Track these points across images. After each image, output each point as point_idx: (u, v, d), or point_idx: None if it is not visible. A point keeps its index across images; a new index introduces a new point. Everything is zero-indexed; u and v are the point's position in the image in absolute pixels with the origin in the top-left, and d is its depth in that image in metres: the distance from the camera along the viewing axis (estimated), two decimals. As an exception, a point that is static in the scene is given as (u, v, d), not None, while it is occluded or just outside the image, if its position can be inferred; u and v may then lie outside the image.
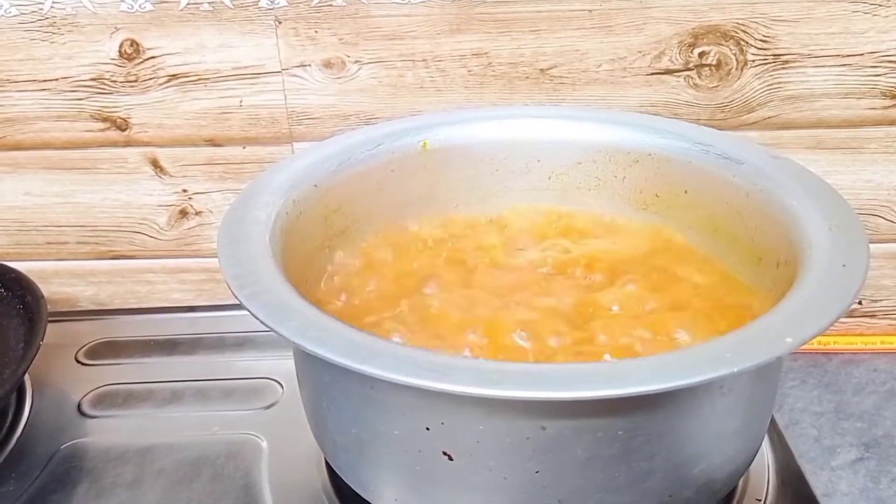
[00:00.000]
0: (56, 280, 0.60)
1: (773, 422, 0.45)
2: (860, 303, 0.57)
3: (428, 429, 0.32)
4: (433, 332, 0.37)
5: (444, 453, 0.32)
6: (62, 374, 0.51)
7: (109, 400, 0.49)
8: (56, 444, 0.46)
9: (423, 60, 0.52)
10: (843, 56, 0.51)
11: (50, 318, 0.47)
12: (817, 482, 0.45)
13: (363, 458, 0.35)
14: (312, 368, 0.36)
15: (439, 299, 0.39)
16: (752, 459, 0.37)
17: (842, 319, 0.56)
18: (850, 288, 0.32)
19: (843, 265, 0.33)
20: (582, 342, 0.36)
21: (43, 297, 0.48)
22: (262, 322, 0.31)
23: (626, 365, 0.29)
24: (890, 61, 0.51)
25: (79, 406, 0.49)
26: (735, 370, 0.28)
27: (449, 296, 0.40)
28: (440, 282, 0.41)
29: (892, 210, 0.54)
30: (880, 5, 0.49)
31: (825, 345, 0.56)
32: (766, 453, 0.43)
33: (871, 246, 0.35)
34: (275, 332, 0.31)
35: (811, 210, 0.37)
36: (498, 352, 0.36)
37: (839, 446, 0.49)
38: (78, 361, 0.53)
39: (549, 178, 0.48)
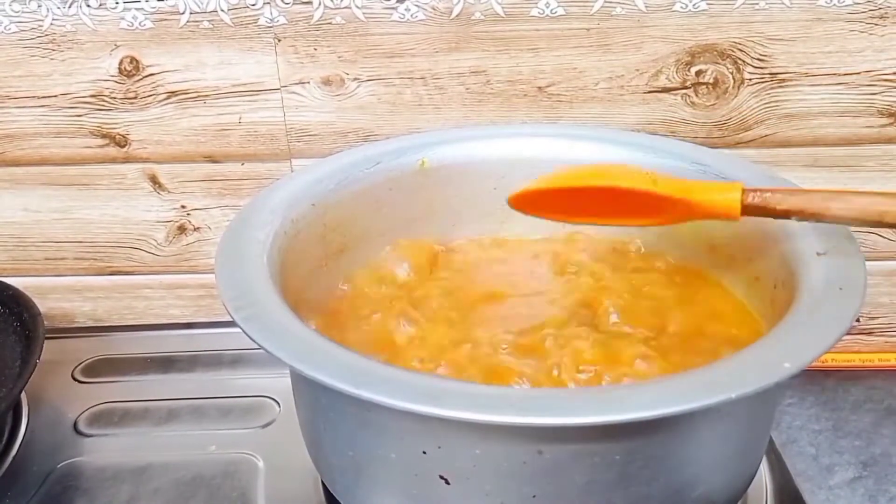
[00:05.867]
0: (53, 296, 0.60)
1: (770, 441, 0.45)
2: (858, 320, 0.57)
3: (424, 452, 0.31)
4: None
5: (441, 477, 0.32)
6: (59, 392, 0.51)
7: (106, 418, 0.49)
8: (52, 462, 0.45)
9: (422, 78, 0.52)
10: (840, 75, 0.51)
11: (47, 335, 0.47)
12: (815, 502, 0.45)
13: (360, 481, 0.35)
14: (309, 391, 0.36)
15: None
16: (751, 481, 0.37)
17: (839, 337, 0.57)
18: (848, 312, 0.32)
19: (841, 288, 0.33)
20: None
21: (40, 314, 0.48)
22: (259, 345, 0.31)
23: (624, 390, 0.29)
24: (886, 80, 0.51)
25: (75, 424, 0.49)
26: (733, 396, 0.28)
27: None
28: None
29: (890, 228, 0.55)
30: (876, 24, 0.50)
31: (823, 362, 0.56)
32: (763, 473, 0.43)
33: (869, 264, 0.35)
34: (272, 355, 0.31)
35: (808, 231, 0.37)
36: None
37: (837, 465, 0.49)
38: (74, 379, 0.53)
39: (547, 197, 0.48)
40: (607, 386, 0.34)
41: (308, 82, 0.53)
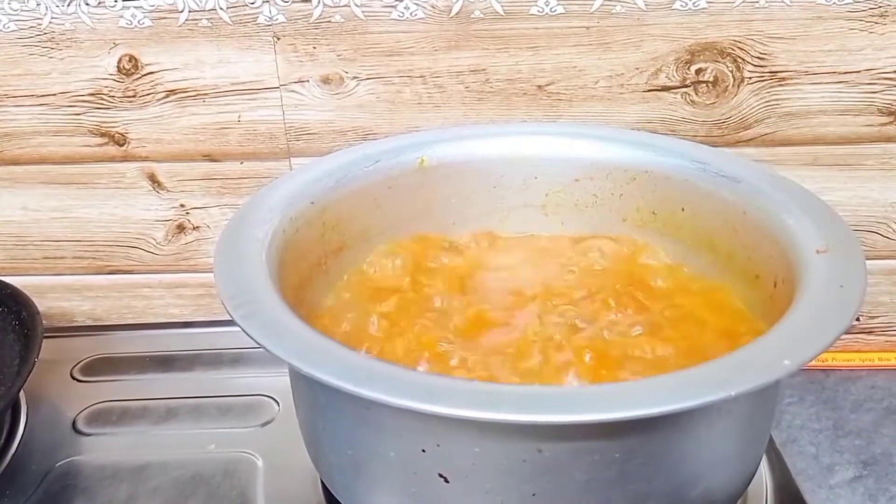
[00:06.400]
0: (52, 295, 0.60)
1: (771, 440, 0.45)
2: (858, 319, 0.57)
3: (424, 451, 0.31)
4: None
5: (440, 475, 0.32)
6: (57, 391, 0.51)
7: (105, 417, 0.49)
8: (51, 461, 0.45)
9: (421, 76, 0.52)
10: (840, 73, 0.51)
11: (46, 334, 0.47)
12: (815, 501, 0.45)
13: (359, 480, 0.35)
14: (308, 389, 0.36)
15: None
16: (751, 480, 0.37)
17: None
18: (848, 309, 0.32)
19: (841, 286, 0.33)
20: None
21: (39, 313, 0.48)
22: (257, 343, 0.31)
23: (623, 388, 0.29)
24: (886, 78, 0.51)
25: (74, 423, 0.49)
26: (733, 394, 0.28)
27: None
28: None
29: (889, 227, 0.54)
30: (876, 23, 0.50)
31: (823, 361, 0.56)
32: (764, 472, 0.43)
33: (869, 263, 0.35)
34: (271, 353, 0.31)
35: (808, 229, 0.37)
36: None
37: (837, 464, 0.48)
38: (73, 378, 0.53)
39: (547, 195, 0.48)
40: (607, 384, 0.34)
41: (307, 81, 0.53)
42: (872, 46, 0.50)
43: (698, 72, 0.51)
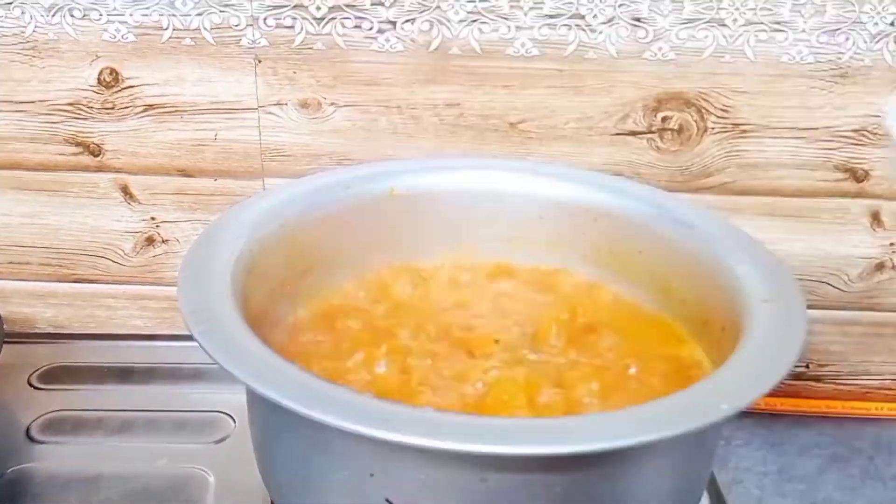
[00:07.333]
0: (15, 300, 0.60)
1: (714, 481, 0.46)
2: (808, 366, 0.59)
3: (372, 475, 0.32)
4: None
5: (388, 500, 0.32)
6: (13, 397, 0.51)
7: (59, 426, 0.49)
8: (2, 468, 0.45)
9: (398, 107, 0.53)
10: (800, 129, 0.53)
11: (6, 339, 0.47)
12: (757, 543, 0.46)
13: (307, 501, 0.35)
14: (262, 408, 0.36)
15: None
16: (690, 519, 0.38)
17: (789, 382, 0.58)
18: (786, 359, 0.33)
19: (782, 336, 0.35)
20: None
21: (0, 318, 0.48)
22: (213, 359, 0.32)
23: (564, 423, 0.30)
24: (844, 136, 0.53)
25: (28, 430, 0.48)
26: (670, 434, 0.29)
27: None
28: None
29: (841, 278, 0.56)
30: (836, 83, 0.52)
31: (772, 406, 0.58)
32: (706, 513, 0.44)
33: (820, 313, 0.37)
34: (226, 370, 0.31)
35: (755, 278, 0.39)
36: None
37: (781, 508, 0.50)
38: (31, 385, 0.53)
39: (511, 230, 0.49)
40: (549, 418, 0.35)
41: (286, 104, 0.54)
42: (832, 105, 0.52)
43: (664, 119, 0.53)
